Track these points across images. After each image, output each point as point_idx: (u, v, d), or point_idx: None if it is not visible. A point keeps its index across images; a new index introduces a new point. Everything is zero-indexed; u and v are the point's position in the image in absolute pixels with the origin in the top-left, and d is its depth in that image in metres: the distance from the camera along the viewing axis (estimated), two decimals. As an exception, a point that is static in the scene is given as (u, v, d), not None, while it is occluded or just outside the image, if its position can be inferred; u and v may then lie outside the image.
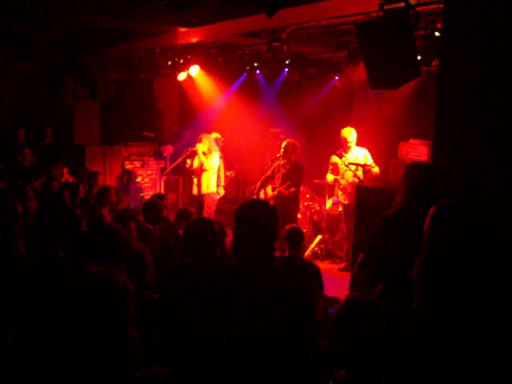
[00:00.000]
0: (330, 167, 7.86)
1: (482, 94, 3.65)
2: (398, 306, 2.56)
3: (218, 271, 3.44)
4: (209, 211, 8.81)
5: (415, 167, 3.72)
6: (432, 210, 2.63)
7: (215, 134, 9.37)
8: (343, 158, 7.55)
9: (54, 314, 1.99)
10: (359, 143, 7.73)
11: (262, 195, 7.86)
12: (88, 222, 4.88)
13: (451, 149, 3.85)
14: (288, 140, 7.76)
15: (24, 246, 3.91)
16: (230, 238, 4.75)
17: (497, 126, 3.59)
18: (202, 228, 3.70)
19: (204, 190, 8.99)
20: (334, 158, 7.70)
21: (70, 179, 8.68)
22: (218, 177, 9.33)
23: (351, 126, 7.81)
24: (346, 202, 7.73)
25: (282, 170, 7.61)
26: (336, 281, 7.09)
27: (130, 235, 4.79)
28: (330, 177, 7.89)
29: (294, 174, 7.54)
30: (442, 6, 4.22)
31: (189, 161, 9.06)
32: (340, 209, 8.26)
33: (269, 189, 7.88)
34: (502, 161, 3.55)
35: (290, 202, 7.48)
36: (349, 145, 7.62)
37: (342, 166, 7.65)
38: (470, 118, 3.73)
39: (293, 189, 7.51)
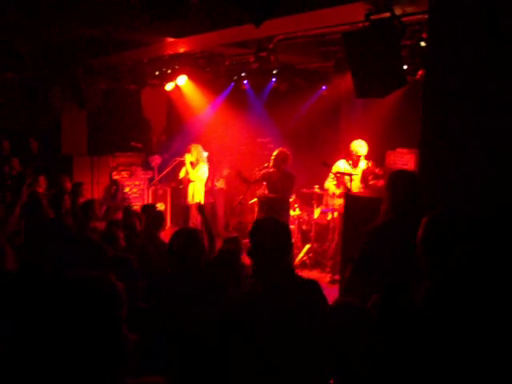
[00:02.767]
0: (332, 176, 7.72)
1: (467, 103, 3.69)
2: (394, 315, 2.57)
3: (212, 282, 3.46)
4: (195, 222, 8.78)
5: (399, 176, 3.75)
6: (425, 219, 2.63)
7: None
8: (334, 167, 7.56)
9: (42, 321, 1.97)
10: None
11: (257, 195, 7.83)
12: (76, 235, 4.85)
13: (437, 157, 3.88)
14: (280, 149, 7.70)
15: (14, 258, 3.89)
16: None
17: (482, 135, 3.62)
18: (187, 238, 3.70)
19: (190, 200, 8.99)
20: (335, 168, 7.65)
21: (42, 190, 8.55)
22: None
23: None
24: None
25: (272, 178, 7.56)
26: (325, 290, 7.08)
27: (118, 244, 4.78)
28: (331, 186, 7.83)
29: (283, 183, 7.49)
30: (426, 16, 4.26)
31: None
32: (329, 217, 8.27)
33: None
34: (489, 168, 3.58)
35: (274, 208, 7.34)
36: (357, 156, 7.55)
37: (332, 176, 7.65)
38: (456, 127, 3.76)
39: (277, 194, 7.41)
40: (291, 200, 8.55)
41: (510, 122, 3.49)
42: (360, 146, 7.56)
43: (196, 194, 8.98)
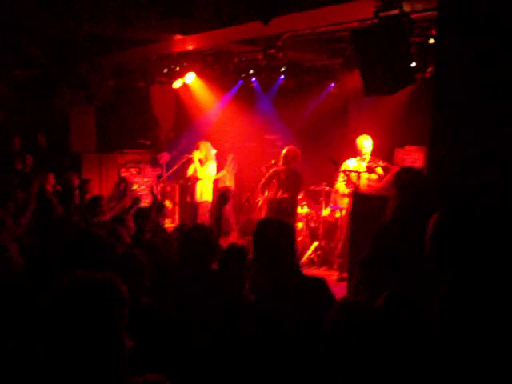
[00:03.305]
0: (342, 175, 7.70)
1: (476, 100, 3.67)
2: (403, 314, 2.56)
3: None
4: (203, 219, 8.79)
5: (406, 173, 3.74)
6: (435, 216, 2.62)
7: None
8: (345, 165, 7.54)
9: (45, 321, 1.98)
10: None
11: (260, 201, 7.83)
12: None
13: (447, 155, 3.87)
14: (289, 146, 7.70)
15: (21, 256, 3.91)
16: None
17: (492, 132, 3.60)
18: (198, 236, 3.69)
19: (198, 197, 8.98)
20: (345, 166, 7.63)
21: (58, 187, 8.62)
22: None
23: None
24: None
25: (281, 177, 7.57)
26: (333, 287, 7.07)
27: (123, 240, 4.79)
28: (341, 186, 7.83)
29: (291, 181, 7.50)
30: (435, 13, 4.24)
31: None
32: (338, 215, 8.25)
33: (266, 194, 7.86)
34: (499, 166, 3.56)
35: (283, 208, 7.39)
36: (364, 151, 7.57)
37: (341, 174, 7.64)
38: (466, 124, 3.74)
39: (286, 194, 7.45)
40: (299, 198, 8.54)
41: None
42: (365, 139, 7.57)
43: (204, 191, 8.97)
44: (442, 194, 3.73)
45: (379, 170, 7.48)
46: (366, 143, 7.56)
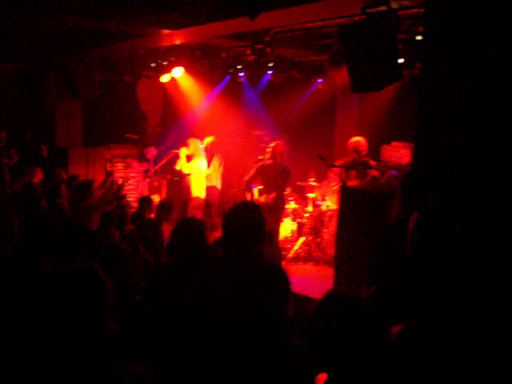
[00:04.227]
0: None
1: (462, 96, 3.70)
2: (389, 309, 2.58)
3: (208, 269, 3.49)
4: (194, 216, 8.77)
5: (411, 178, 3.75)
6: (416, 214, 2.65)
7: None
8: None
9: (32, 310, 1.99)
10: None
11: (248, 196, 7.83)
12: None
13: (432, 150, 3.90)
14: (276, 142, 7.76)
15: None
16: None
17: (477, 128, 3.64)
18: (189, 229, 3.70)
19: (187, 194, 8.99)
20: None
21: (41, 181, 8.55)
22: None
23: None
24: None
25: (268, 172, 7.60)
26: (318, 282, 7.12)
27: (113, 235, 4.79)
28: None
29: (281, 176, 7.55)
30: (422, 10, 4.27)
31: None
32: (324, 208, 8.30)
33: (255, 191, 7.86)
34: (484, 161, 3.60)
35: (276, 207, 7.50)
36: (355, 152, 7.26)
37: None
38: (451, 120, 3.78)
39: (276, 192, 7.52)
40: (286, 193, 8.57)
41: (504, 113, 3.51)
42: (359, 144, 7.39)
43: (195, 188, 8.97)
44: (426, 189, 3.76)
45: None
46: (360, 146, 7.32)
